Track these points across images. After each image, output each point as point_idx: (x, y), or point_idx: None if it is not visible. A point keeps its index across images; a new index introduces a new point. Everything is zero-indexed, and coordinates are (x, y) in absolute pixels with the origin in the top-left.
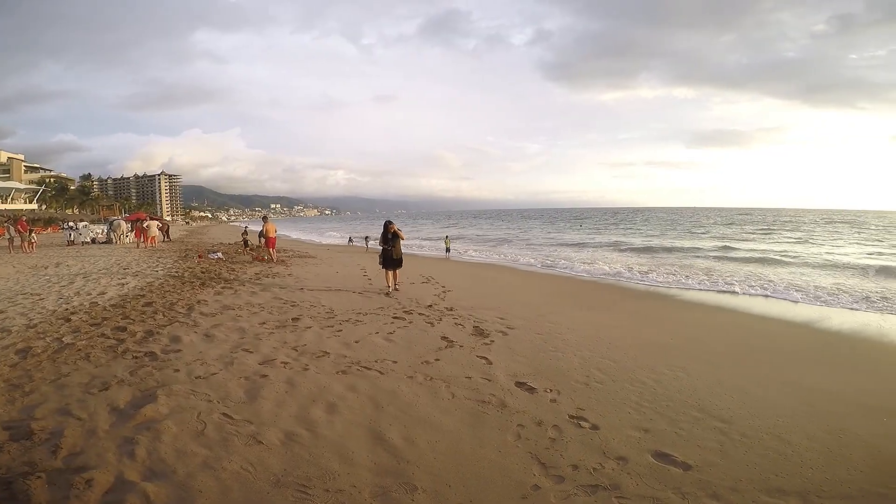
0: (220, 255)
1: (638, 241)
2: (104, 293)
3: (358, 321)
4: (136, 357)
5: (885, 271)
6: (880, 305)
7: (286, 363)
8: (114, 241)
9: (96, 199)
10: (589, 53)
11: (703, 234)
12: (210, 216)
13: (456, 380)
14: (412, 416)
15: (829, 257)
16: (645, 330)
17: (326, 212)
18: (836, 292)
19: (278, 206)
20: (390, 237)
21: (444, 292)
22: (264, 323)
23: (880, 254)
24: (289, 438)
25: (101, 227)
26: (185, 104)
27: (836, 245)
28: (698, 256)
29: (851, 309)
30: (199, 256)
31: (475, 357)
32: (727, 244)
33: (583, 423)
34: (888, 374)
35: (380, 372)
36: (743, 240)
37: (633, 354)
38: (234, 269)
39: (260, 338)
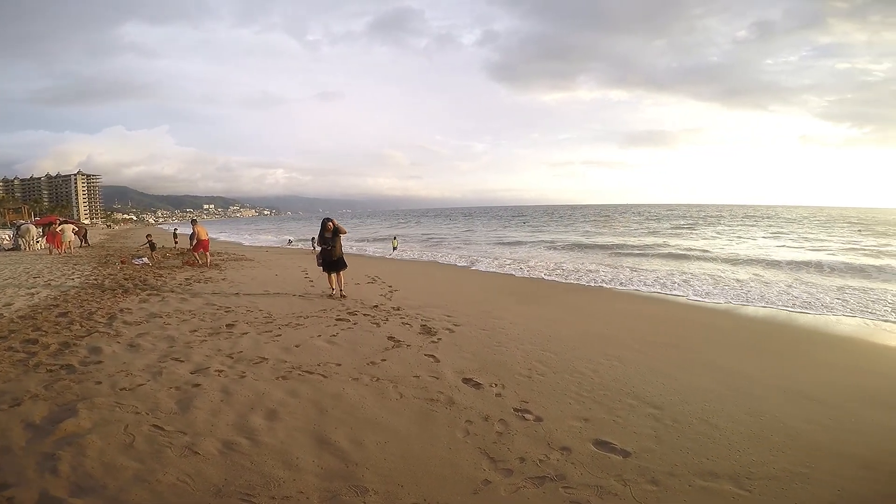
0: (145, 259)
1: (575, 238)
2: (11, 304)
3: (298, 325)
4: (51, 370)
5: (795, 263)
6: (792, 293)
7: (221, 371)
8: (22, 247)
9: (0, 202)
10: (532, 55)
11: (635, 229)
12: (135, 218)
13: (404, 379)
14: (359, 418)
15: (748, 251)
16: (582, 322)
17: (265, 212)
18: (754, 283)
19: (212, 206)
20: (329, 236)
21: (390, 292)
22: (196, 330)
23: (790, 247)
24: (227, 448)
25: (7, 232)
26: (106, 99)
27: (754, 239)
28: (630, 253)
29: (766, 298)
30: (122, 262)
31: (423, 356)
32: (656, 240)
33: (527, 416)
34: (799, 358)
35: (323, 375)
36: (670, 235)
37: (572, 346)
38: (161, 275)
39: (191, 346)
